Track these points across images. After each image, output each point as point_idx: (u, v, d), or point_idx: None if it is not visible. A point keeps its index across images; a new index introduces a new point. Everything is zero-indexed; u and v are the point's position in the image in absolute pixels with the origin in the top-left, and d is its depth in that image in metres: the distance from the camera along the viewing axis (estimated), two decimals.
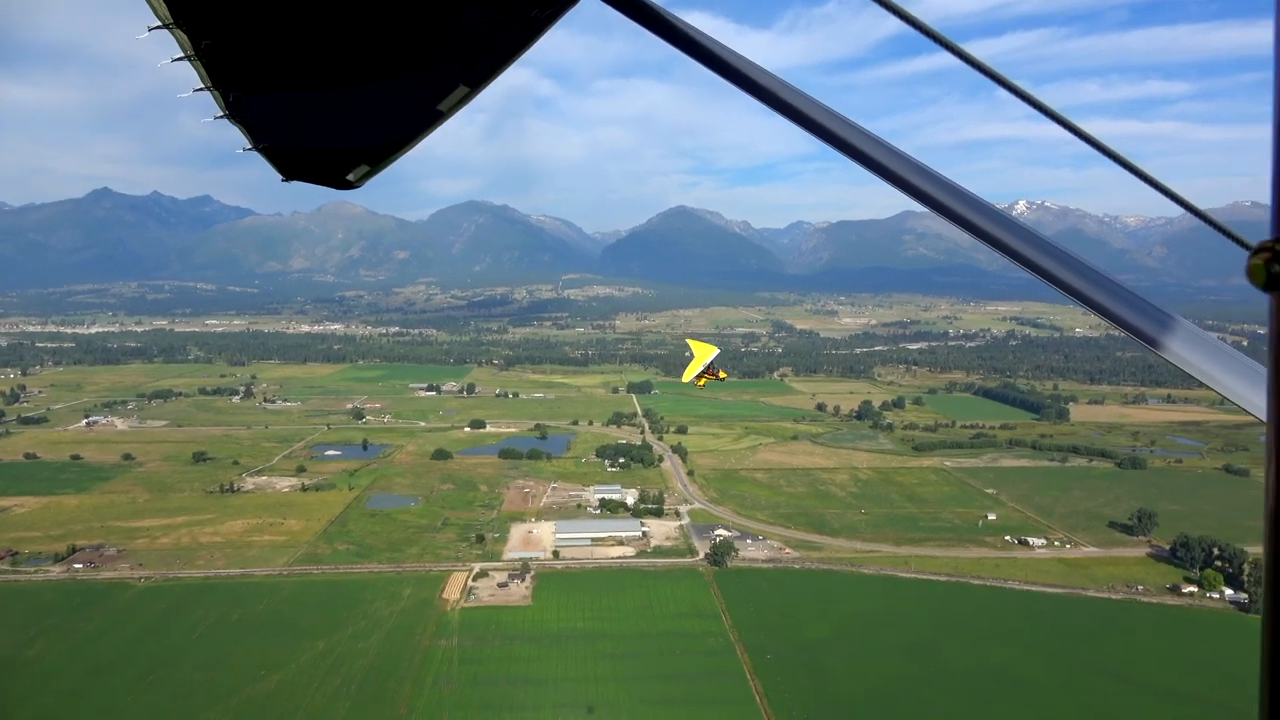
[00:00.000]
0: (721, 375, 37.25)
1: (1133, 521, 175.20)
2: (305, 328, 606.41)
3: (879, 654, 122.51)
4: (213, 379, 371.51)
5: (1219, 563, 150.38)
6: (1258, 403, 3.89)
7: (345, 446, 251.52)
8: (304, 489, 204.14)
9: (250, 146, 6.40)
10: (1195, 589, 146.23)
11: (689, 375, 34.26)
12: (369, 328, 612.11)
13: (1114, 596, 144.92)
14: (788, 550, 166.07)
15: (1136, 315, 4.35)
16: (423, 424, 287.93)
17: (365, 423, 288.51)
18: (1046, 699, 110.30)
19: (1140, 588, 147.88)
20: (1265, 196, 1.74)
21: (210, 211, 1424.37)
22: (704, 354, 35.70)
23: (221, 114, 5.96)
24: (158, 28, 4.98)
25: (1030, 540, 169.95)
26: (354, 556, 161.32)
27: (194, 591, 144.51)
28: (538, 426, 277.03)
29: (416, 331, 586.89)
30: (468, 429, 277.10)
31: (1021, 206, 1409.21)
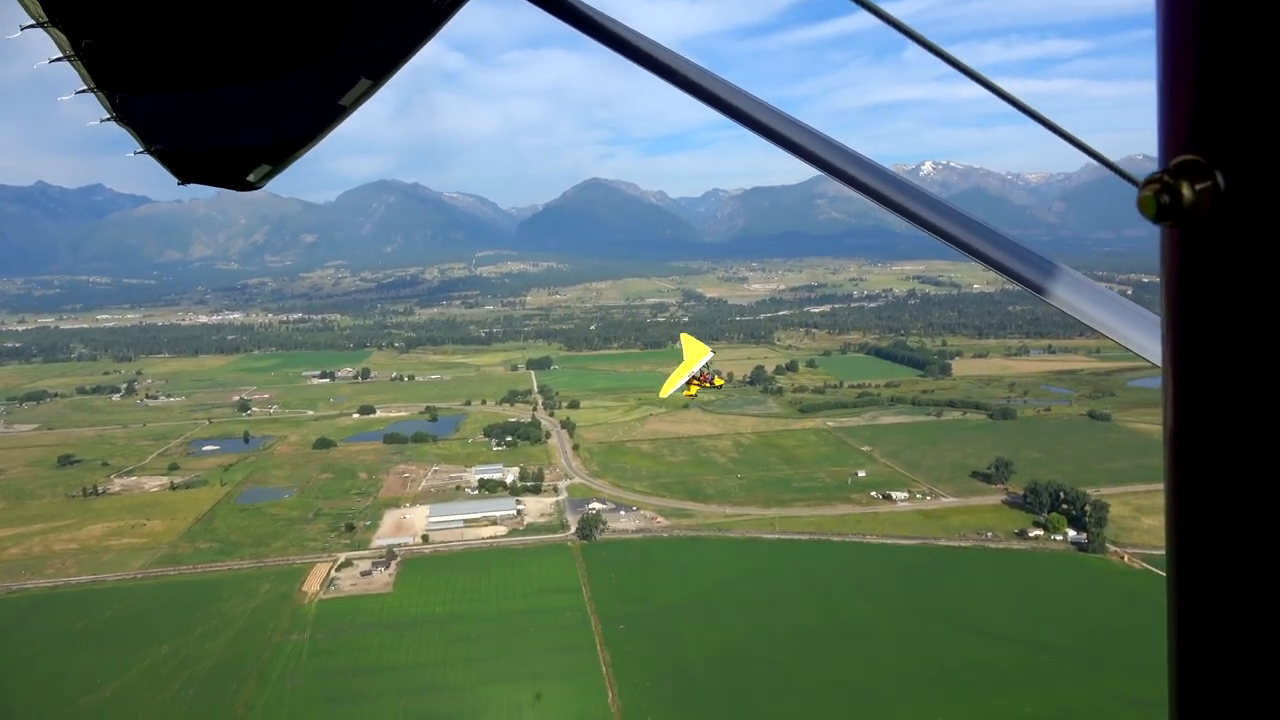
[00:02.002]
0: (718, 382, 33.90)
1: (991, 471, 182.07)
2: (203, 319, 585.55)
3: (731, 617, 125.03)
4: (94, 377, 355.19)
5: (1065, 506, 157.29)
6: (1151, 348, 4.05)
7: (225, 440, 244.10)
8: (173, 488, 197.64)
9: (142, 149, 5.97)
10: (1041, 532, 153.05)
11: (671, 386, 30.16)
12: (270, 316, 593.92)
13: (963, 544, 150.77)
14: (659, 519, 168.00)
15: (1033, 270, 4.47)
16: (310, 413, 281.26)
17: (250, 415, 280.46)
18: (883, 649, 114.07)
19: (989, 534, 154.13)
20: (1155, 150, 1.93)
21: (102, 201, 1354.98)
22: (695, 356, 32.06)
23: (108, 116, 5.51)
24: (31, 27, 4.47)
25: (894, 494, 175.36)
26: (216, 555, 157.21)
27: (38, 603, 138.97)
28: (428, 409, 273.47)
29: (319, 317, 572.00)
30: (356, 415, 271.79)
31: (928, 167, 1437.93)
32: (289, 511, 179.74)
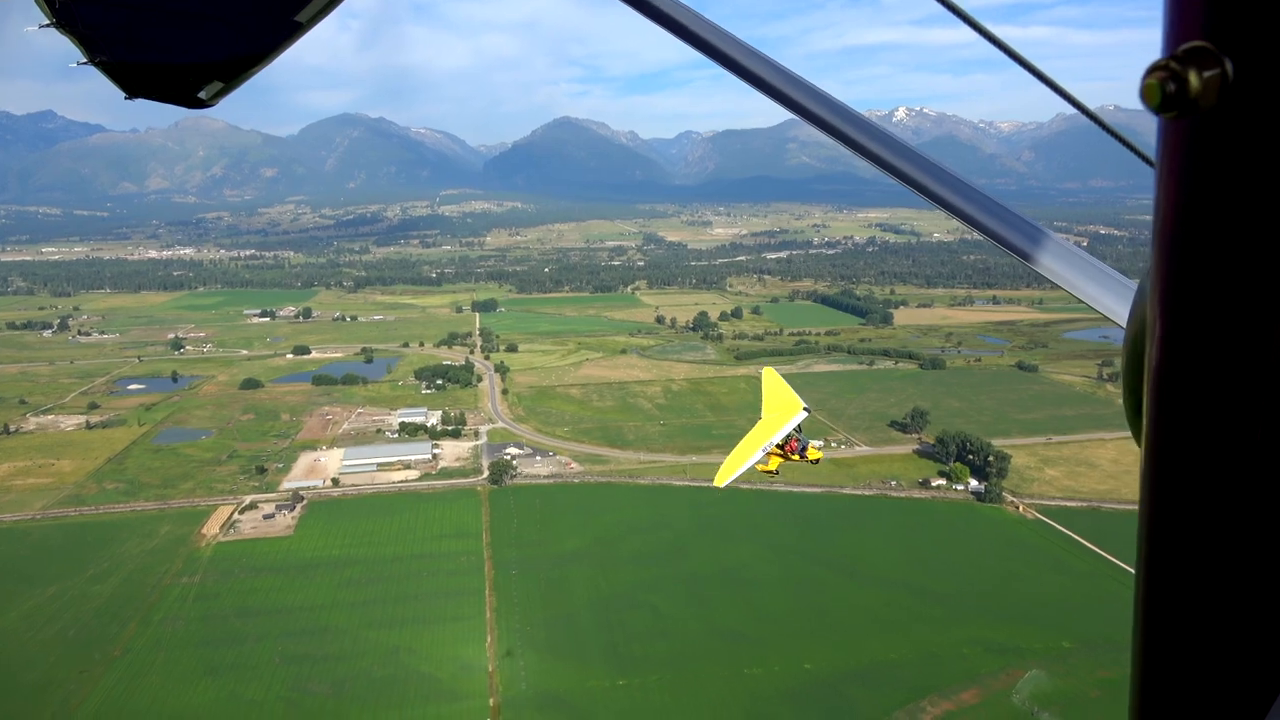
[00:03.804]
0: (812, 455, 26.34)
1: (907, 421, 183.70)
2: (152, 254, 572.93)
3: (624, 563, 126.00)
4: (28, 312, 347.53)
5: (970, 456, 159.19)
6: (1119, 311, 4.15)
7: (152, 379, 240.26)
8: (89, 427, 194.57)
9: (85, 60, 5.53)
10: (944, 482, 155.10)
11: (737, 466, 23.13)
12: (222, 252, 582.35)
13: (867, 493, 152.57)
14: (573, 465, 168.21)
15: (1002, 225, 4.54)
16: (244, 353, 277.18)
17: (183, 353, 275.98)
18: (768, 595, 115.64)
19: (894, 483, 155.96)
20: (1129, 101, 1.42)
21: (54, 128, 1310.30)
22: (780, 410, 25.51)
23: (47, 23, 5.17)
24: None
25: (811, 443, 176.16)
26: (121, 496, 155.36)
27: None
28: (364, 350, 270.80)
29: (272, 254, 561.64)
30: (290, 356, 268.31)
31: (901, 113, 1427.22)
32: (204, 453, 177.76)
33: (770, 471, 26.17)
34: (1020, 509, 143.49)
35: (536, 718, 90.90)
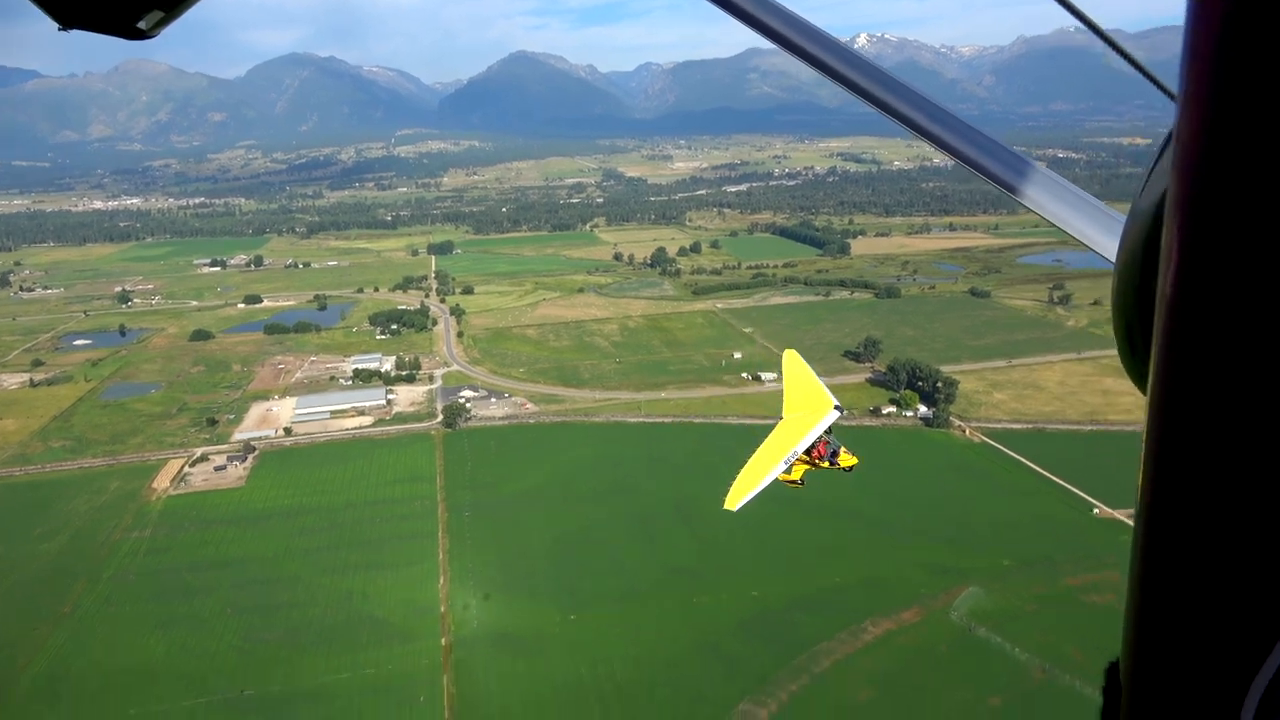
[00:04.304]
0: (844, 462, 20.46)
1: (860, 350, 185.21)
2: (97, 204, 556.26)
3: (577, 501, 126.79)
4: None
5: (920, 383, 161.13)
6: (1097, 238, 4.08)
7: (99, 334, 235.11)
8: (33, 385, 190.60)
9: None
10: (894, 409, 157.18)
11: (754, 480, 18.23)
12: (170, 201, 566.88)
13: None
14: (529, 406, 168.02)
15: (982, 154, 4.47)
16: (194, 304, 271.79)
17: (130, 307, 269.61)
18: (717, 528, 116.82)
19: (845, 412, 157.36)
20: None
21: None
22: (805, 412, 20.61)
23: None
24: None
25: (763, 376, 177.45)
26: (68, 454, 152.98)
27: None
28: (317, 297, 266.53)
29: (222, 202, 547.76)
30: (241, 305, 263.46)
31: (863, 40, 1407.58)
32: (153, 407, 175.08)
33: (793, 482, 20.46)
34: (967, 433, 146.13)
35: (488, 655, 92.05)
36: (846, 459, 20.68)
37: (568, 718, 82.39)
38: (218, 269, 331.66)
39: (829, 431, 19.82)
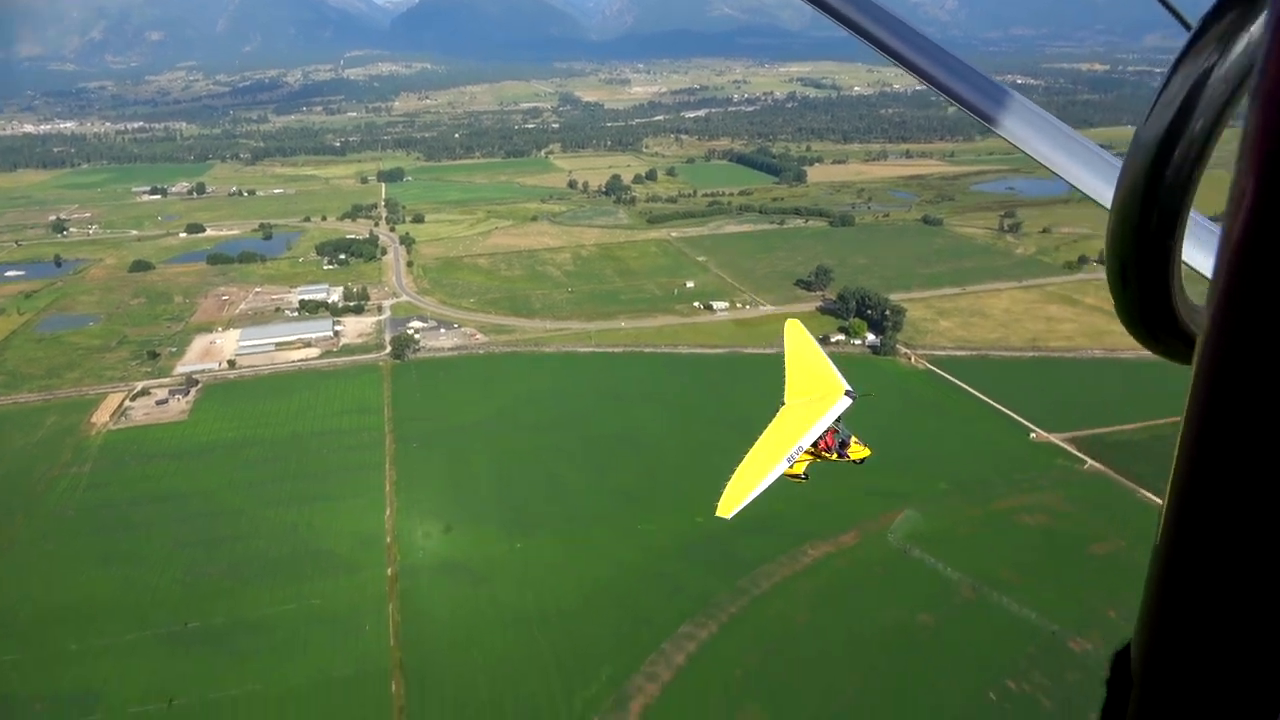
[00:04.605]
0: (855, 455, 19.84)
1: (811, 278, 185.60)
2: (28, 128, 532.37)
3: (525, 431, 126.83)
4: None
5: (869, 311, 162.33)
6: (1104, 192, 3.84)
7: (33, 265, 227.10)
8: None
9: None
10: (843, 337, 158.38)
11: (753, 482, 17.72)
12: (107, 125, 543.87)
13: (768, 352, 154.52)
14: (479, 336, 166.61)
15: (962, 84, 4.38)
16: (134, 233, 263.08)
17: (66, 236, 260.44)
18: (666, 456, 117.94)
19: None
20: None
21: None
22: (811, 398, 19.22)
23: None
24: None
25: (715, 305, 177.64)
26: (1, 389, 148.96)
27: None
28: (262, 226, 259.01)
29: (162, 126, 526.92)
30: (183, 235, 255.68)
31: None
32: (91, 340, 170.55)
33: (795, 477, 19.13)
34: (913, 360, 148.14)
35: (434, 584, 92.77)
36: (858, 450, 19.67)
37: (512, 643, 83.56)
38: (158, 197, 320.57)
39: (839, 420, 18.26)
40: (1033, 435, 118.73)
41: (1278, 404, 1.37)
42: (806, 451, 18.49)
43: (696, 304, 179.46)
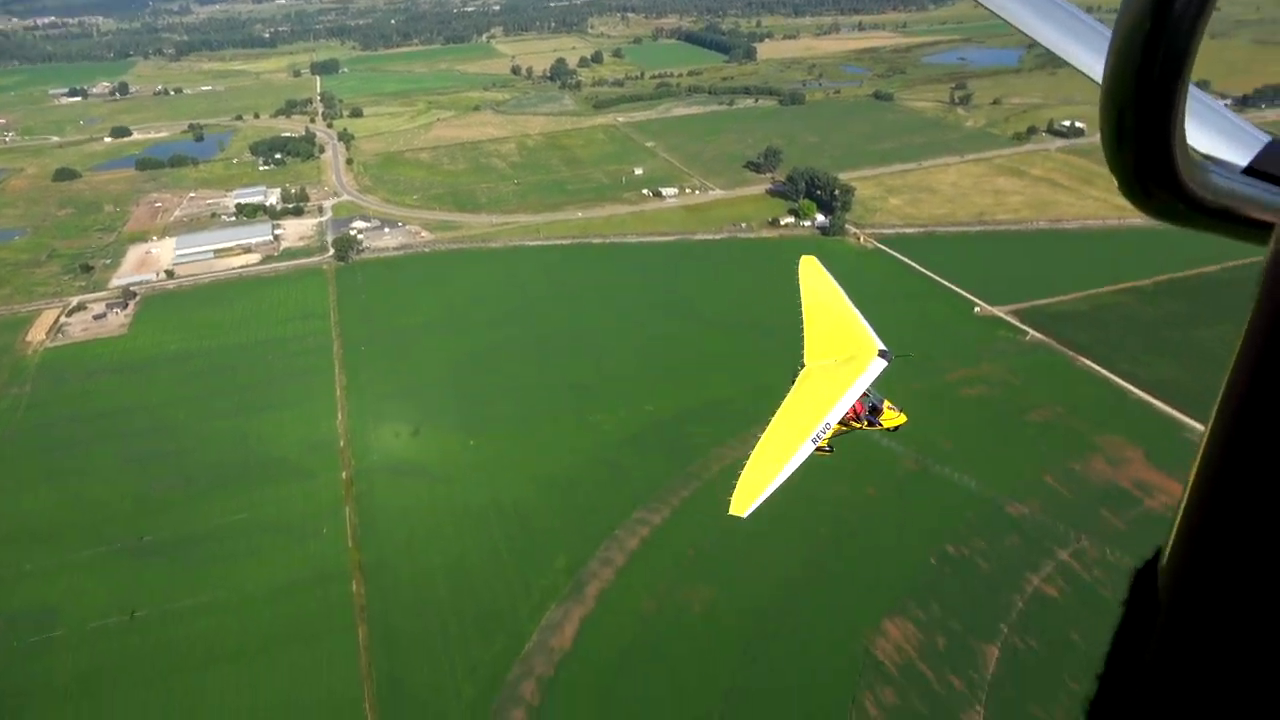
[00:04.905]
0: (888, 423, 17.85)
1: (761, 160, 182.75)
2: None
3: (475, 329, 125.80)
4: None
5: (818, 191, 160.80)
6: (1095, 68, 3.46)
7: None
8: None
9: None
10: (792, 219, 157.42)
11: (771, 472, 14.66)
12: (14, 20, 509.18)
13: (718, 237, 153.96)
14: (424, 234, 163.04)
15: None
16: (55, 139, 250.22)
17: None
18: (614, 346, 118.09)
19: (744, 225, 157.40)
20: None
21: None
22: (838, 359, 15.70)
23: None
24: None
25: (664, 191, 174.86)
26: None
27: None
28: (192, 127, 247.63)
29: (76, 21, 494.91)
30: (109, 139, 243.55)
31: None
32: (18, 255, 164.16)
33: (820, 449, 16.84)
34: (862, 240, 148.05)
35: (389, 486, 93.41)
36: (891, 417, 17.86)
37: (469, 538, 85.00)
38: (78, 99, 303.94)
39: (873, 389, 15.46)
40: (977, 309, 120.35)
41: None
42: (847, 423, 16.15)
43: (645, 191, 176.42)
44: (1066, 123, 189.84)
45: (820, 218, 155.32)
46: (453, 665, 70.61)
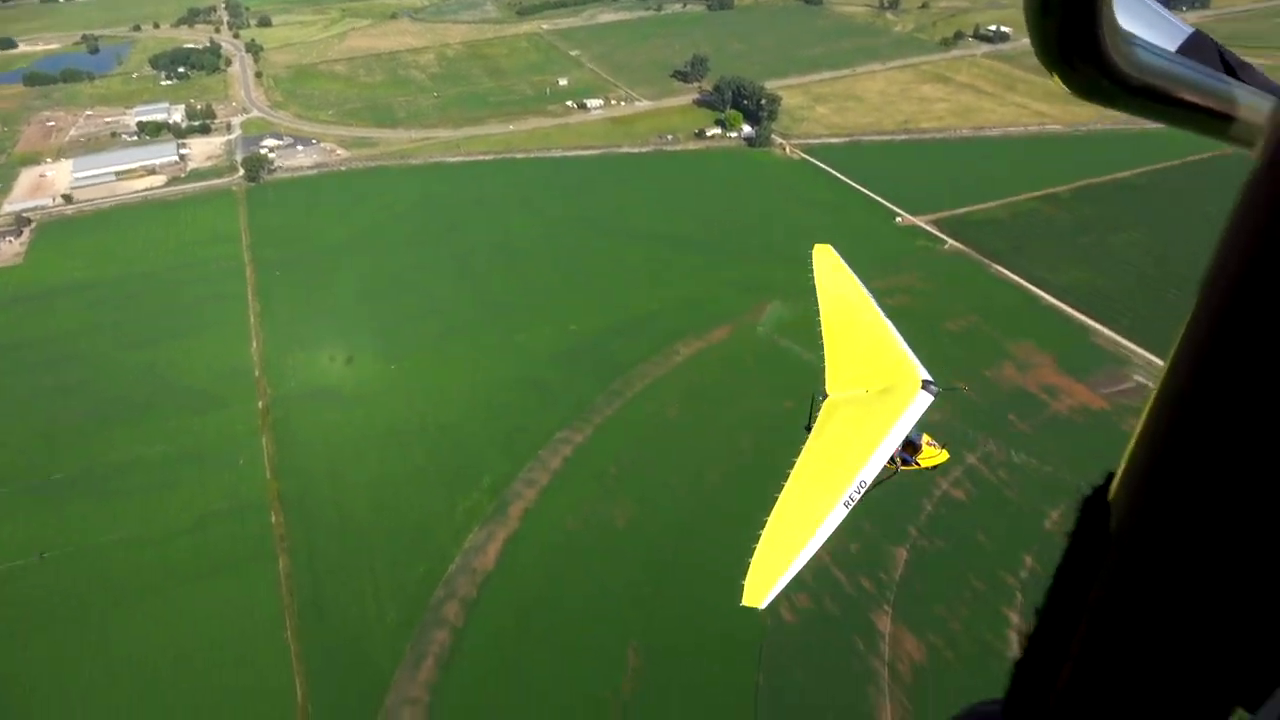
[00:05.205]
0: (927, 462, 16.40)
1: (688, 69, 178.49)
2: None
3: (395, 248, 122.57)
4: None
5: (745, 101, 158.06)
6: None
7: None
8: None
9: None
10: (719, 131, 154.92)
11: (791, 551, 13.54)
12: None
13: (644, 150, 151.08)
14: (340, 152, 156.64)
15: None
16: None
17: None
18: (537, 264, 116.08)
19: (670, 137, 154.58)
20: None
21: None
22: (871, 391, 14.87)
23: None
24: None
25: (589, 103, 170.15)
26: None
27: None
28: (85, 38, 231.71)
29: None
30: None
31: None
32: None
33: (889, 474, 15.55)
34: (787, 150, 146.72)
35: (308, 413, 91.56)
36: (931, 456, 16.41)
37: (392, 463, 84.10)
38: None
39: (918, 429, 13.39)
40: (899, 219, 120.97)
41: None
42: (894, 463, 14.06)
43: (570, 103, 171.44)
44: (993, 28, 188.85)
45: (747, 129, 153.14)
46: (377, 590, 70.64)
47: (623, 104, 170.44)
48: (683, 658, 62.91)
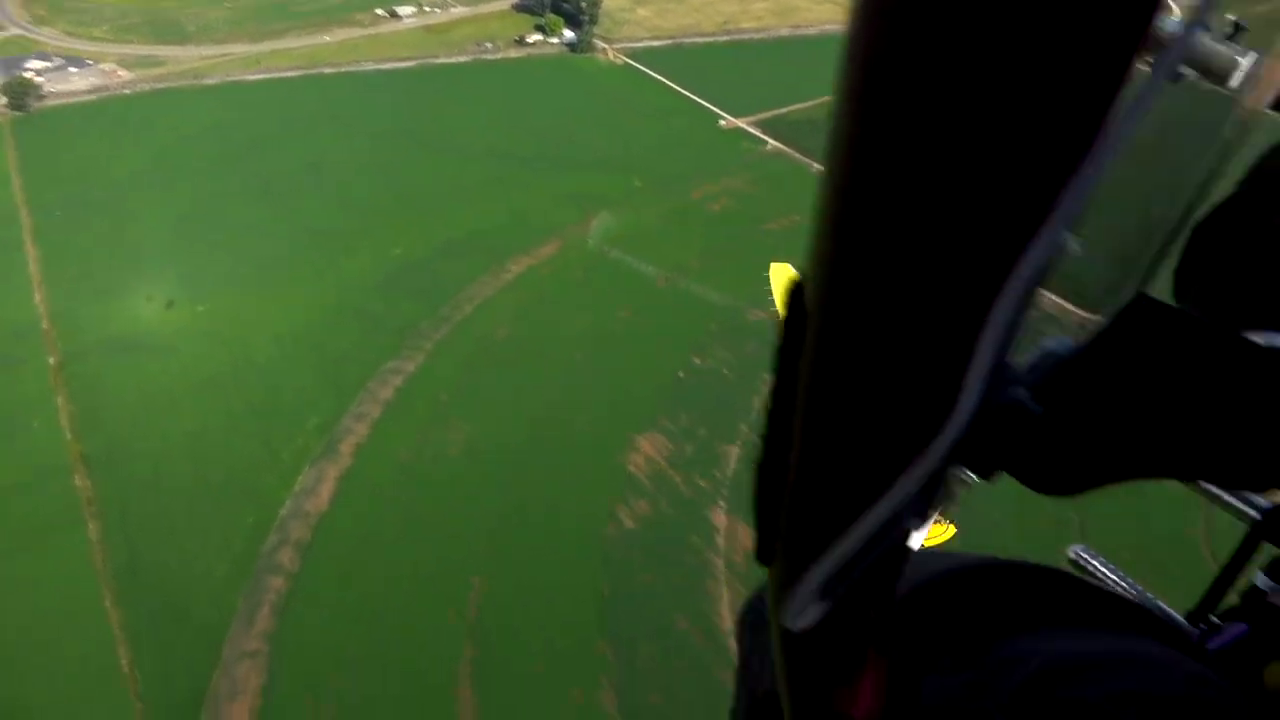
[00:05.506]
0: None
1: None
2: None
3: (194, 178, 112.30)
4: None
5: (565, 4, 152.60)
6: None
7: None
8: None
9: None
10: (540, 37, 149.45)
11: None
12: None
13: (462, 59, 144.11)
14: (121, 73, 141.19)
15: None
16: None
17: None
18: (355, 186, 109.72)
19: (489, 45, 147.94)
20: None
21: None
22: None
23: None
24: None
25: (400, 10, 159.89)
26: None
27: None
28: None
29: None
30: None
31: None
32: None
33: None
34: (610, 55, 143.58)
35: (108, 367, 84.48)
36: (935, 533, 13.00)
37: (209, 411, 79.23)
38: None
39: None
40: (722, 122, 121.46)
41: None
42: None
43: (379, 11, 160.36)
44: None
45: (568, 34, 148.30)
46: (203, 545, 67.29)
47: (437, 10, 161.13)
48: (527, 575, 63.60)
